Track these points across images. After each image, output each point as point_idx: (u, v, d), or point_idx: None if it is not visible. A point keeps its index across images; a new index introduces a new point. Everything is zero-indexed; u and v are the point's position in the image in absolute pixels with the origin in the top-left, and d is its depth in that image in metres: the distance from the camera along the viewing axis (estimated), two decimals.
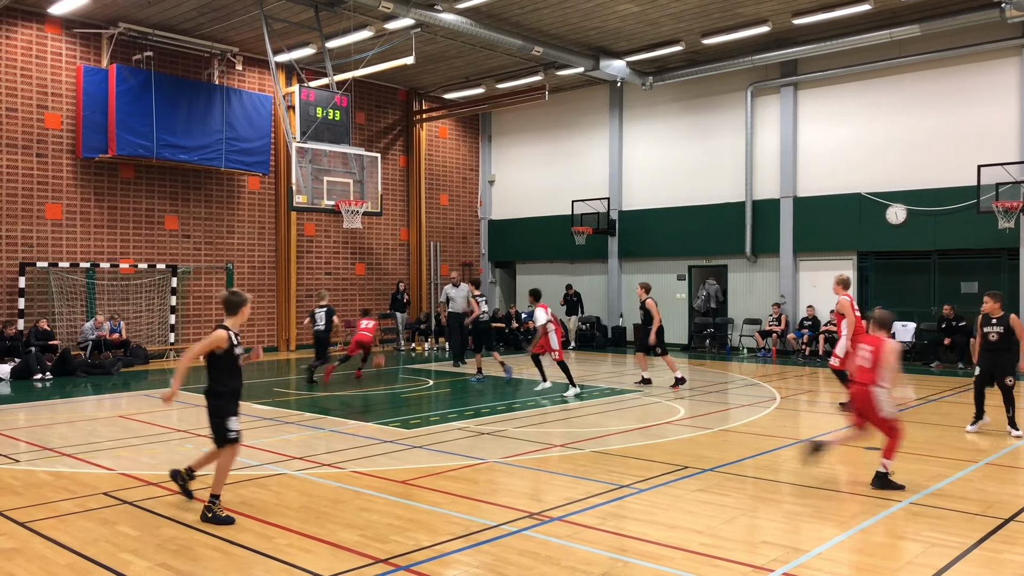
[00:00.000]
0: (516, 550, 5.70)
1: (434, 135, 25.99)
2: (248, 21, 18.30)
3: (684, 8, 17.67)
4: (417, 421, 11.10)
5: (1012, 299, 17.66)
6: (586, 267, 25.02)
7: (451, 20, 17.39)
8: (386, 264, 24.56)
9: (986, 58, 17.99)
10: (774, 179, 21.05)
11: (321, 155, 17.01)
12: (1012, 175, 17.13)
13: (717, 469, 8.20)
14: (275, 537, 6.02)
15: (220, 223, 21.00)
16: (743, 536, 6.09)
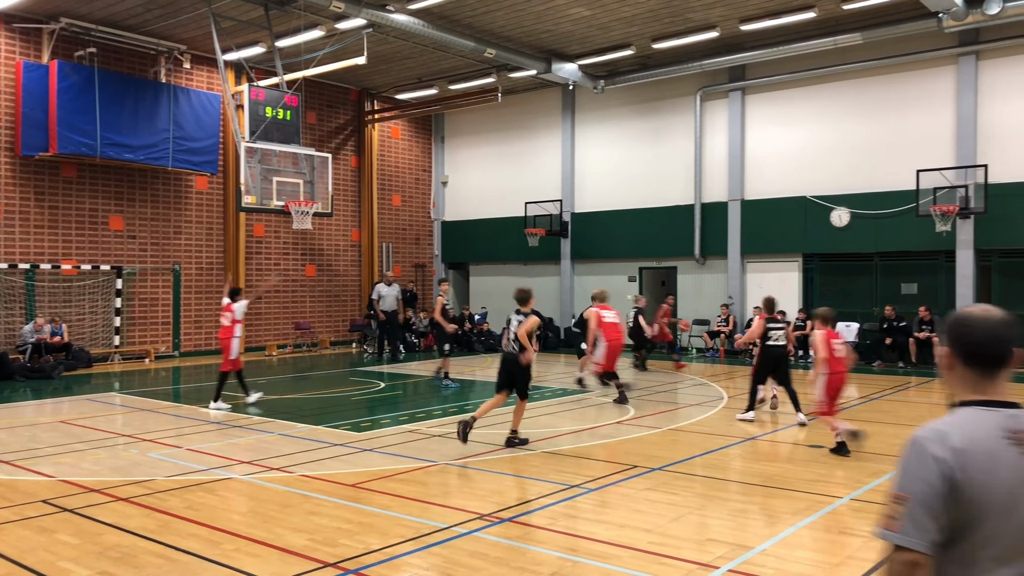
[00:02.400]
0: (467, 552, 5.72)
1: (386, 136, 25.85)
2: (196, 19, 17.99)
3: (635, 13, 17.88)
4: (367, 424, 11.04)
5: (949, 300, 18.25)
6: (539, 269, 25.13)
7: (403, 21, 17.33)
8: (337, 265, 24.35)
9: (924, 66, 18.55)
10: (722, 182, 21.41)
11: (271, 155, 16.80)
12: (948, 179, 17.69)
13: (666, 468, 8.32)
14: (222, 543, 5.94)
15: (167, 224, 20.60)
16: (691, 534, 6.19)
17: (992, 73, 17.70)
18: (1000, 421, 2.16)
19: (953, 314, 2.33)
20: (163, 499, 7.14)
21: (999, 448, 2.12)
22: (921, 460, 2.13)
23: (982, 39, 17.65)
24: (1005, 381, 2.25)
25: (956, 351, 2.26)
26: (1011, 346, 2.23)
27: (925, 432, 2.17)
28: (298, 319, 23.23)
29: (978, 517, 2.09)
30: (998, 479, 2.10)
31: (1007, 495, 2.10)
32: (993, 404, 2.20)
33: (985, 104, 17.75)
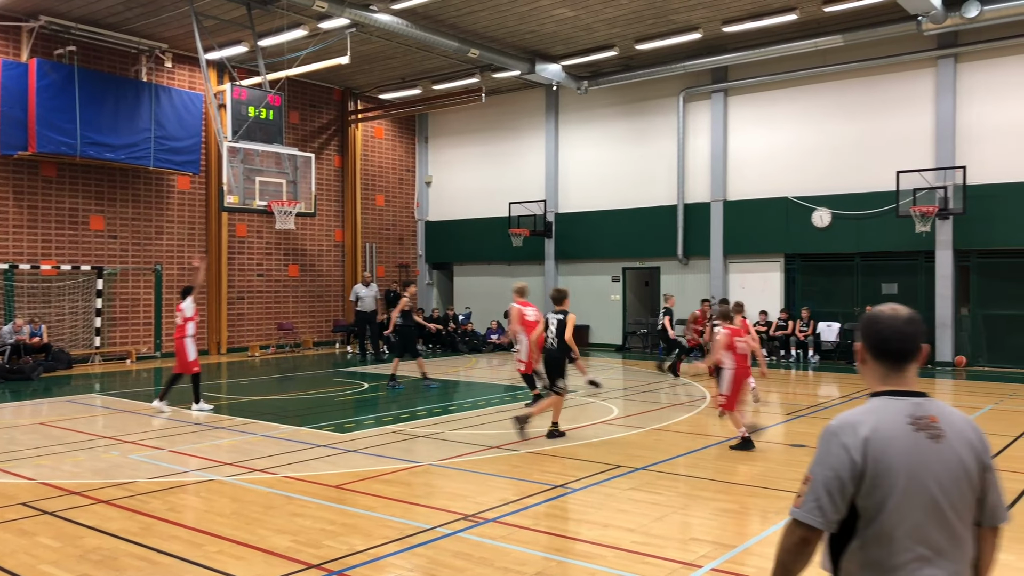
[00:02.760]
0: (451, 552, 5.73)
1: (370, 135, 25.79)
2: (177, 17, 17.88)
3: (618, 14, 17.93)
4: (351, 425, 11.01)
5: (928, 299, 18.44)
6: (523, 269, 25.14)
7: (387, 21, 17.30)
8: (320, 265, 24.27)
9: (904, 68, 18.73)
10: (705, 183, 21.51)
11: (253, 155, 16.72)
12: (928, 181, 17.88)
13: (649, 468, 8.36)
14: (205, 544, 5.91)
15: (148, 223, 20.44)
16: (674, 533, 6.23)
17: (970, 76, 17.91)
18: (906, 409, 2.38)
19: (866, 313, 2.55)
20: (145, 501, 7.10)
21: (903, 433, 2.34)
22: (830, 447, 2.37)
23: (960, 42, 17.85)
24: (913, 374, 2.46)
25: (867, 346, 2.49)
26: (916, 342, 2.46)
27: (836, 422, 2.41)
28: (281, 319, 23.12)
29: (887, 497, 2.31)
30: (902, 461, 2.31)
31: (911, 475, 2.31)
32: (900, 394, 2.42)
33: (963, 106, 17.95)
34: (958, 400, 13.79)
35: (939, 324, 18.19)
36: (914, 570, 2.30)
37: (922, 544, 2.31)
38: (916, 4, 15.58)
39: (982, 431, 2.45)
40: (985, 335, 18.10)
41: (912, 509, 2.31)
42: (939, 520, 2.33)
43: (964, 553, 2.36)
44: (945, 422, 2.39)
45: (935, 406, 2.43)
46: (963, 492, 2.36)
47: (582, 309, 23.78)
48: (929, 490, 2.32)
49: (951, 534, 2.34)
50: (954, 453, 2.36)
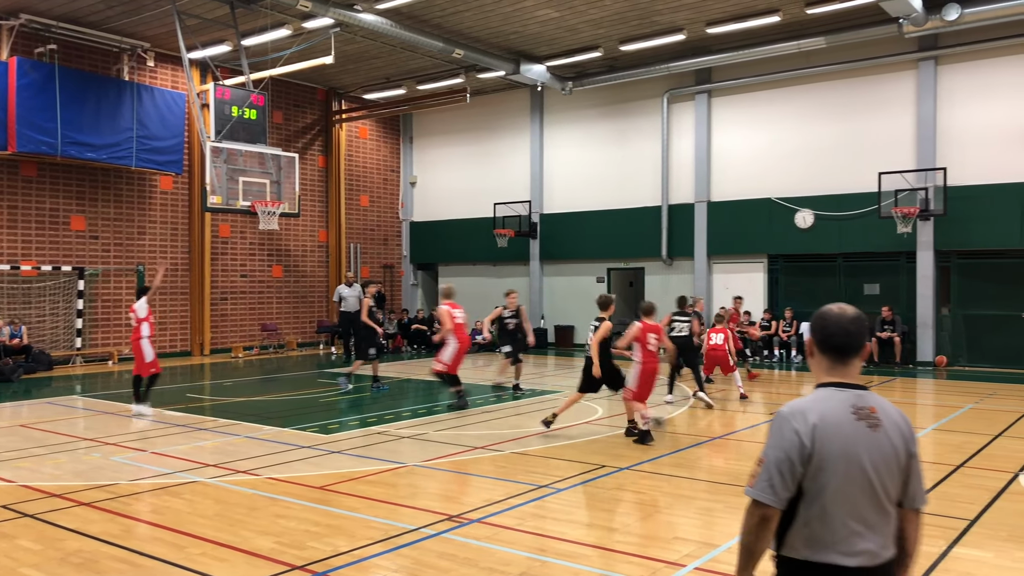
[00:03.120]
0: (435, 553, 5.72)
1: (354, 135, 25.72)
2: (160, 16, 17.76)
3: (603, 15, 17.98)
4: (335, 426, 10.98)
5: (910, 300, 18.60)
6: (508, 269, 25.15)
7: (371, 20, 17.26)
8: (304, 266, 24.17)
9: (886, 70, 18.88)
10: (689, 184, 21.60)
11: (237, 155, 16.64)
12: (909, 182, 18.04)
13: (634, 468, 8.38)
14: (187, 547, 5.88)
15: (131, 224, 20.29)
16: (658, 532, 6.25)
17: (950, 78, 18.08)
18: (849, 400, 2.64)
19: (817, 311, 2.81)
20: (127, 503, 7.04)
21: (846, 422, 2.60)
22: (781, 432, 2.61)
23: (941, 44, 18.02)
24: (856, 368, 2.71)
25: (815, 340, 2.75)
26: (859, 339, 2.71)
27: (787, 408, 2.65)
28: (264, 320, 23.01)
29: (828, 478, 2.56)
30: (844, 447, 2.57)
31: (851, 460, 2.57)
32: (844, 386, 2.68)
33: (944, 108, 18.13)
34: (939, 399, 13.93)
35: (920, 324, 18.35)
36: (850, 544, 2.56)
37: (857, 521, 2.57)
38: (897, 7, 15.72)
39: (910, 422, 2.71)
40: (965, 335, 18.27)
41: (850, 490, 2.57)
42: (872, 499, 2.59)
43: (890, 527, 2.65)
44: (882, 413, 2.65)
45: (874, 398, 2.68)
46: (893, 475, 2.63)
47: (567, 309, 23.84)
48: (866, 473, 2.58)
49: (881, 511, 2.61)
50: (888, 440, 2.62)
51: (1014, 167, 17.33)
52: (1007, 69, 17.47)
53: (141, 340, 11.86)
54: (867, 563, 2.57)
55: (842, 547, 2.56)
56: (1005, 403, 12.82)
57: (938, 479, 7.95)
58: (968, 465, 8.54)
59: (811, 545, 2.59)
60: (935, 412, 12.37)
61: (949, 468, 8.39)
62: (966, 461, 8.71)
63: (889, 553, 2.65)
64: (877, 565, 2.59)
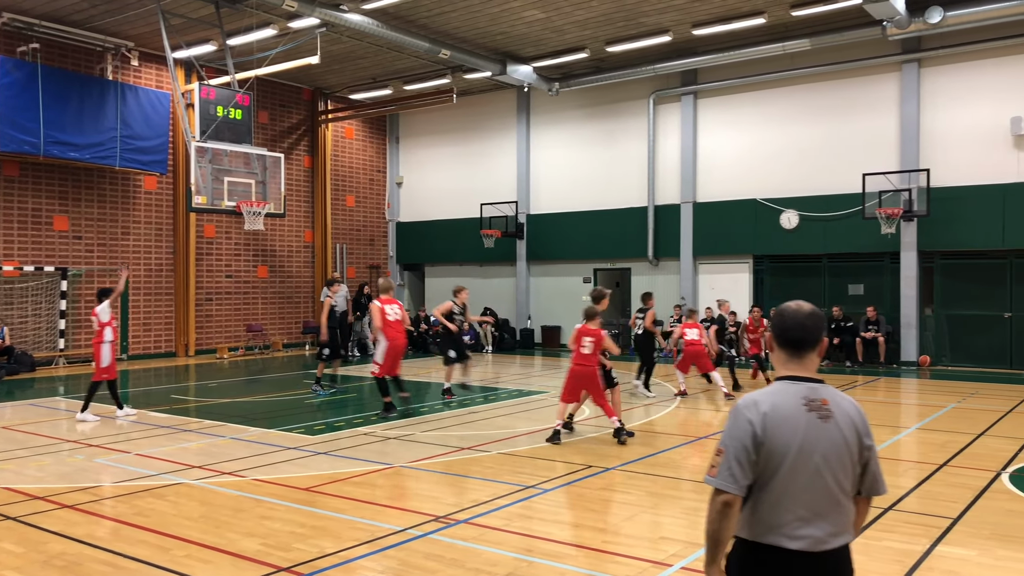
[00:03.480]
0: (422, 554, 5.71)
1: (340, 136, 25.64)
2: (144, 15, 17.65)
3: (589, 16, 18.01)
4: (321, 427, 10.94)
5: (894, 300, 18.74)
6: (495, 270, 25.15)
7: (357, 20, 17.22)
8: (290, 266, 24.08)
9: (870, 72, 19.02)
10: (675, 185, 21.68)
11: (222, 155, 16.54)
12: (893, 183, 18.17)
13: (620, 468, 8.40)
14: (172, 549, 5.84)
15: (114, 224, 20.15)
16: (644, 532, 6.27)
17: (933, 80, 18.23)
18: (802, 392, 2.76)
19: (777, 308, 2.95)
20: (111, 506, 7.00)
21: (797, 412, 2.72)
22: (737, 422, 2.74)
23: (924, 47, 18.17)
24: (813, 362, 2.82)
25: (774, 335, 2.88)
26: (814, 334, 2.82)
27: (743, 400, 2.79)
28: (250, 321, 22.91)
29: (778, 466, 2.69)
30: (793, 436, 2.69)
31: (800, 448, 2.69)
32: (799, 379, 2.80)
33: (927, 110, 18.27)
34: (923, 399, 14.04)
35: (904, 324, 18.49)
36: (795, 528, 2.68)
37: (804, 507, 2.68)
38: (881, 9, 15.83)
39: (865, 415, 2.83)
40: (948, 335, 18.43)
41: (798, 477, 2.69)
42: (821, 488, 2.70)
43: (843, 517, 2.74)
44: (834, 405, 2.76)
45: (827, 391, 2.79)
46: (844, 465, 2.73)
47: (554, 310, 23.87)
48: (814, 461, 2.69)
49: (831, 500, 2.71)
50: (839, 432, 2.73)
51: (996, 168, 17.49)
52: (989, 71, 17.63)
53: (103, 344, 11.46)
54: (809, 548, 2.67)
55: (786, 530, 2.68)
56: (988, 402, 12.93)
57: (922, 478, 8.01)
58: (951, 464, 8.61)
59: (758, 527, 2.72)
60: (919, 411, 12.47)
61: (933, 467, 8.46)
62: (949, 460, 8.78)
63: (840, 541, 2.72)
64: (822, 551, 2.68)
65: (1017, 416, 11.69)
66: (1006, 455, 9.02)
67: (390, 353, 11.40)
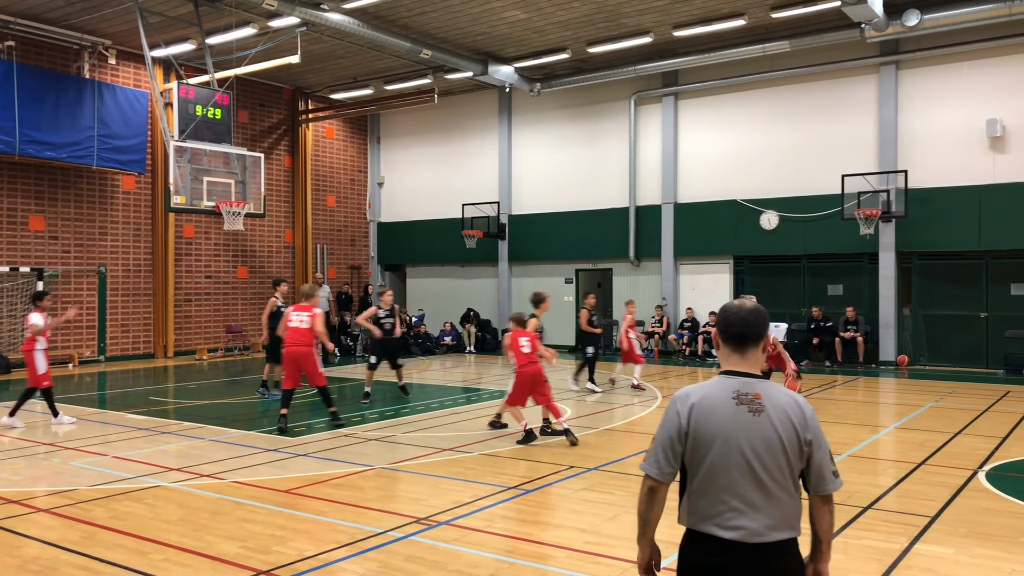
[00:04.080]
0: (403, 556, 5.68)
1: (321, 135, 25.51)
2: (121, 13, 17.47)
3: (570, 17, 18.03)
4: (302, 429, 10.87)
5: (872, 300, 18.90)
6: (477, 270, 25.12)
7: (338, 20, 17.14)
8: (270, 267, 23.92)
9: (848, 74, 19.18)
10: (656, 186, 21.75)
11: (201, 154, 16.42)
12: (871, 184, 18.33)
13: (601, 468, 8.41)
14: (150, 552, 5.77)
15: (92, 224, 19.93)
16: (625, 533, 6.26)
17: (911, 82, 18.41)
18: (734, 385, 2.82)
19: (722, 305, 3.02)
20: (87, 509, 6.91)
21: (725, 405, 2.79)
22: (668, 413, 2.87)
23: (902, 49, 18.34)
24: (754, 358, 2.87)
25: (718, 331, 2.94)
26: (755, 329, 2.87)
27: (678, 392, 2.91)
28: (229, 322, 22.74)
29: (704, 456, 2.77)
30: (720, 428, 2.76)
31: (727, 440, 2.75)
32: (737, 374, 2.85)
33: (905, 111, 18.45)
34: (901, 398, 14.17)
35: (882, 324, 18.65)
36: (728, 519, 2.74)
37: (735, 498, 2.74)
38: (859, 12, 15.96)
39: (807, 411, 2.83)
40: (926, 335, 18.61)
41: (727, 468, 2.75)
42: (753, 480, 2.74)
43: (779, 511, 2.75)
44: (767, 399, 2.79)
45: (763, 386, 2.83)
46: (777, 459, 2.75)
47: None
48: (743, 453, 2.74)
49: (765, 493, 2.74)
50: (771, 426, 2.76)
51: (972, 170, 17.69)
52: (965, 74, 17.82)
53: (35, 351, 11.04)
54: (744, 539, 2.72)
55: (719, 520, 2.75)
56: (965, 401, 13.07)
57: (900, 477, 8.08)
58: (929, 463, 8.69)
59: (694, 516, 2.82)
60: (897, 411, 12.58)
61: (911, 466, 8.53)
62: (927, 459, 8.87)
63: (780, 535, 2.74)
64: (759, 543, 2.72)
65: (993, 415, 11.82)
66: (983, 454, 9.12)
67: (286, 360, 10.64)
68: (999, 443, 9.73)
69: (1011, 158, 17.34)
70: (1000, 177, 17.43)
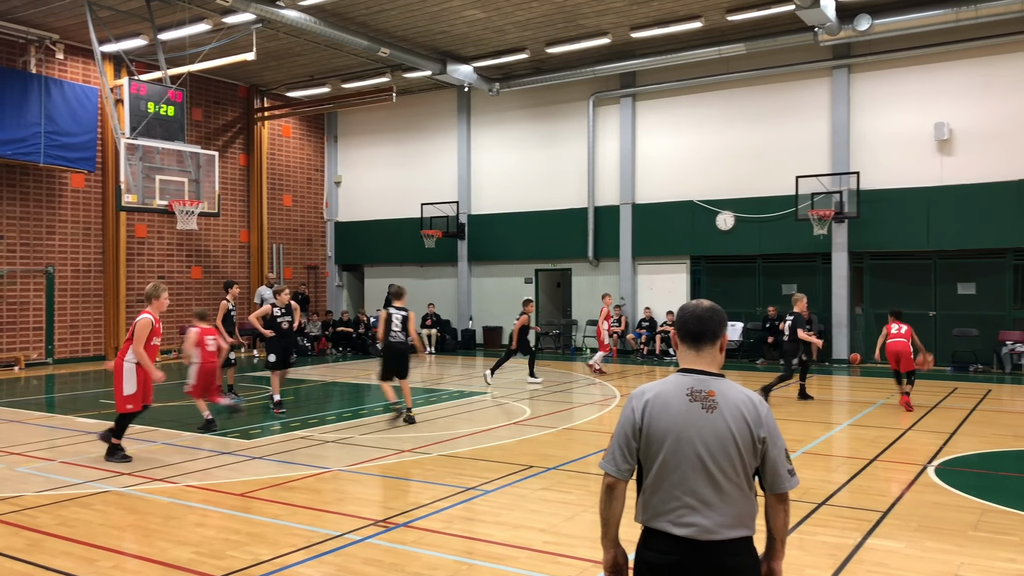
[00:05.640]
0: (360, 559, 5.62)
1: (277, 134, 25.18)
2: (69, 6, 17.04)
3: (529, 17, 18.04)
4: (257, 431, 10.70)
5: (826, 299, 19.23)
6: (436, 270, 25.02)
7: (294, 17, 16.92)
8: (225, 267, 23.54)
9: (802, 77, 19.50)
10: (614, 186, 21.88)
11: (153, 152, 16.09)
12: (825, 186, 18.66)
13: (561, 467, 8.41)
14: (98, 560, 5.62)
15: (39, 223, 19.40)
16: (584, 532, 6.27)
17: (862, 85, 18.78)
18: (688, 382, 2.85)
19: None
20: (33, 516, 6.71)
21: (678, 401, 2.81)
22: (625, 410, 2.91)
23: (854, 53, 18.70)
24: (710, 356, 2.89)
25: (675, 330, 2.97)
26: (711, 326, 2.90)
27: (635, 390, 2.93)
28: (183, 323, 22.30)
29: (658, 452, 2.80)
30: (673, 424, 2.78)
31: (679, 436, 2.77)
32: (693, 371, 2.87)
33: (857, 114, 18.82)
34: (853, 395, 14.44)
35: (836, 323, 19.00)
36: (681, 516, 2.76)
37: (688, 495, 2.75)
38: (813, 16, 16.23)
39: (761, 408, 2.83)
40: (877, 333, 18.94)
41: (679, 464, 2.76)
42: (705, 477, 2.75)
43: (733, 508, 2.76)
44: (721, 396, 2.80)
45: (718, 383, 2.84)
46: (730, 456, 2.76)
47: (495, 310, 23.84)
48: (696, 450, 2.75)
49: (717, 490, 2.75)
50: (724, 422, 2.77)
51: (921, 172, 18.11)
52: (914, 78, 18.24)
53: None
54: (697, 536, 2.73)
55: (672, 517, 2.77)
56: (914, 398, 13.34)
57: (853, 473, 8.22)
58: (881, 459, 8.86)
59: (648, 512, 2.84)
60: (850, 408, 12.80)
61: (863, 462, 8.69)
62: (879, 455, 9.04)
63: (733, 533, 2.74)
64: (712, 541, 2.72)
65: (942, 411, 12.11)
66: (932, 449, 9.33)
67: (201, 374, 10.50)
68: (947, 438, 9.96)
69: (957, 160, 17.79)
70: (947, 179, 17.88)
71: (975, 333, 17.69)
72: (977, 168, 17.57)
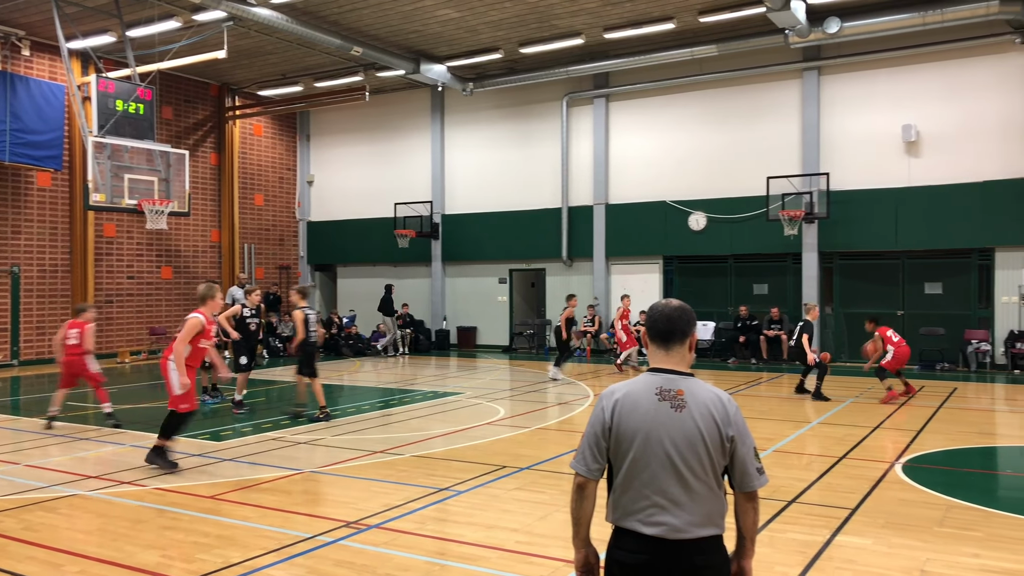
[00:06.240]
0: (331, 561, 5.58)
1: (248, 133, 24.96)
2: (36, 2, 16.76)
3: (502, 17, 18.04)
4: (228, 433, 10.60)
5: (796, 299, 19.43)
6: (410, 270, 24.94)
7: (266, 15, 16.77)
8: (195, 267, 23.29)
9: (773, 79, 19.69)
10: (588, 186, 21.95)
11: (122, 151, 15.85)
12: (795, 186, 18.85)
13: (533, 467, 8.42)
14: (64, 565, 5.54)
15: (4, 222, 19.07)
16: (557, 532, 6.28)
17: (832, 87, 19.00)
18: (657, 381, 2.86)
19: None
20: None
21: (646, 400, 2.82)
22: (595, 410, 2.93)
23: (824, 55, 18.92)
24: (679, 355, 2.91)
25: (647, 329, 2.99)
26: (680, 325, 2.91)
27: (605, 390, 2.95)
28: (153, 324, 22.05)
29: (627, 451, 2.80)
30: (641, 423, 2.79)
31: (648, 435, 2.78)
32: (662, 371, 2.89)
33: (826, 116, 19.04)
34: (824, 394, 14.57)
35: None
36: (650, 515, 2.77)
37: (658, 494, 2.76)
38: (784, 18, 16.40)
39: (730, 407, 2.85)
40: (847, 332, 19.22)
41: (648, 463, 2.78)
42: (674, 475, 2.76)
43: (703, 507, 2.77)
44: (690, 395, 2.82)
45: (686, 383, 2.85)
46: (699, 455, 2.77)
47: (469, 310, 23.82)
48: (664, 449, 2.77)
49: (686, 489, 2.76)
50: (692, 421, 2.78)
51: (889, 173, 18.36)
52: (883, 80, 18.49)
53: None
54: (666, 535, 2.74)
55: (641, 516, 2.78)
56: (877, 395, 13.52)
57: (822, 471, 8.31)
58: (850, 456, 8.97)
59: (618, 511, 2.84)
60: (819, 407, 12.94)
61: (833, 460, 8.79)
62: (848, 452, 9.14)
63: (703, 532, 2.76)
64: (681, 540, 2.73)
65: (909, 409, 12.28)
66: (900, 446, 9.46)
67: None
68: (914, 436, 10.11)
69: (924, 162, 18.06)
70: (915, 180, 18.14)
71: (942, 332, 17.98)
72: (943, 169, 17.85)
